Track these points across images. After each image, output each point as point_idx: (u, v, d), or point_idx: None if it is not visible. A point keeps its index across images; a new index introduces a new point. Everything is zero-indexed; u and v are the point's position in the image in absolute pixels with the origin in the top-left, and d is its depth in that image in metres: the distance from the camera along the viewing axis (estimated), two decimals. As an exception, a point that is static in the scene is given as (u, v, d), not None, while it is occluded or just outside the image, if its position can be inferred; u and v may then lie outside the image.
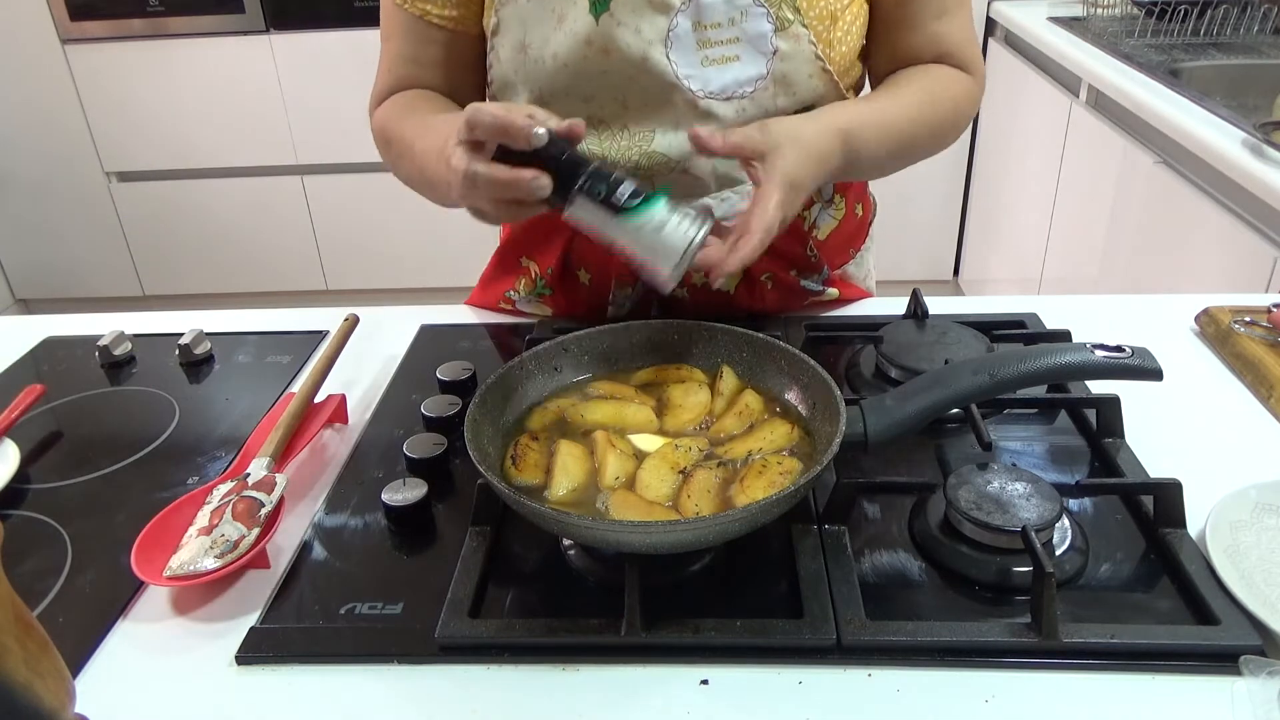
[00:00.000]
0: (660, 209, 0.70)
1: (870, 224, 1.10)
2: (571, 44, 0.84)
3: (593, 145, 0.89)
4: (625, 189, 0.70)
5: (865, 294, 1.08)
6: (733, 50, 0.85)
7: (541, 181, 0.69)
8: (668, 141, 0.87)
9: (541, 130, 0.68)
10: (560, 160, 0.70)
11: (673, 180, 0.89)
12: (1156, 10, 2.14)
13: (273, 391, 0.93)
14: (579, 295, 1.01)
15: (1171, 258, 1.71)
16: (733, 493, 0.67)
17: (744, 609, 0.63)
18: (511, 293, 1.06)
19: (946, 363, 0.82)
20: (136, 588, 0.69)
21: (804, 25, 0.84)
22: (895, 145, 0.87)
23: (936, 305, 0.98)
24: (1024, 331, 0.95)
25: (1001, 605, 0.64)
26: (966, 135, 2.71)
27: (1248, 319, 0.93)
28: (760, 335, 0.79)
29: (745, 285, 0.99)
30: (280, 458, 0.77)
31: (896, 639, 0.60)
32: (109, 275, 3.08)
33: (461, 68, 0.94)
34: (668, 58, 0.84)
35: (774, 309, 1.02)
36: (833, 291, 1.05)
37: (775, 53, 0.85)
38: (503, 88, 0.91)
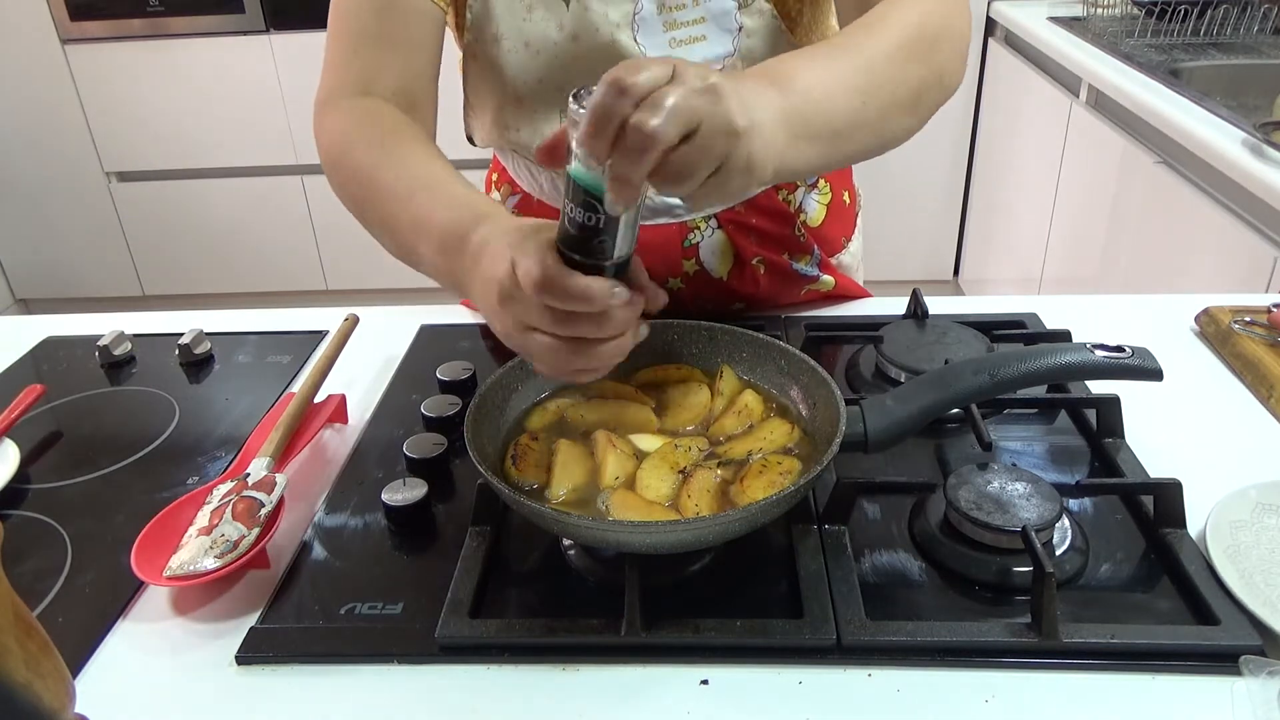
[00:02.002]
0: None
1: (857, 215, 1.12)
2: (543, 31, 0.85)
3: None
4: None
5: (864, 293, 1.08)
6: (699, 30, 0.85)
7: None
8: None
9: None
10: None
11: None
12: (1156, 10, 2.14)
13: (273, 391, 0.93)
14: None
15: (1171, 258, 1.71)
16: (733, 493, 0.66)
17: (744, 609, 0.63)
18: None
19: (946, 363, 0.82)
20: (136, 588, 0.69)
21: (766, 0, 0.85)
22: (840, 57, 0.70)
23: (936, 305, 0.98)
24: (1024, 331, 0.95)
25: (1001, 605, 0.64)
26: (966, 136, 2.72)
27: (1248, 319, 0.92)
28: (760, 335, 0.78)
29: (737, 270, 1.00)
30: (280, 458, 0.77)
31: (896, 639, 0.60)
32: (109, 275, 3.08)
33: (425, 48, 0.88)
34: (635, 40, 0.84)
35: (770, 295, 1.02)
36: (828, 279, 1.05)
37: (740, 29, 0.85)
38: (476, 86, 0.92)
